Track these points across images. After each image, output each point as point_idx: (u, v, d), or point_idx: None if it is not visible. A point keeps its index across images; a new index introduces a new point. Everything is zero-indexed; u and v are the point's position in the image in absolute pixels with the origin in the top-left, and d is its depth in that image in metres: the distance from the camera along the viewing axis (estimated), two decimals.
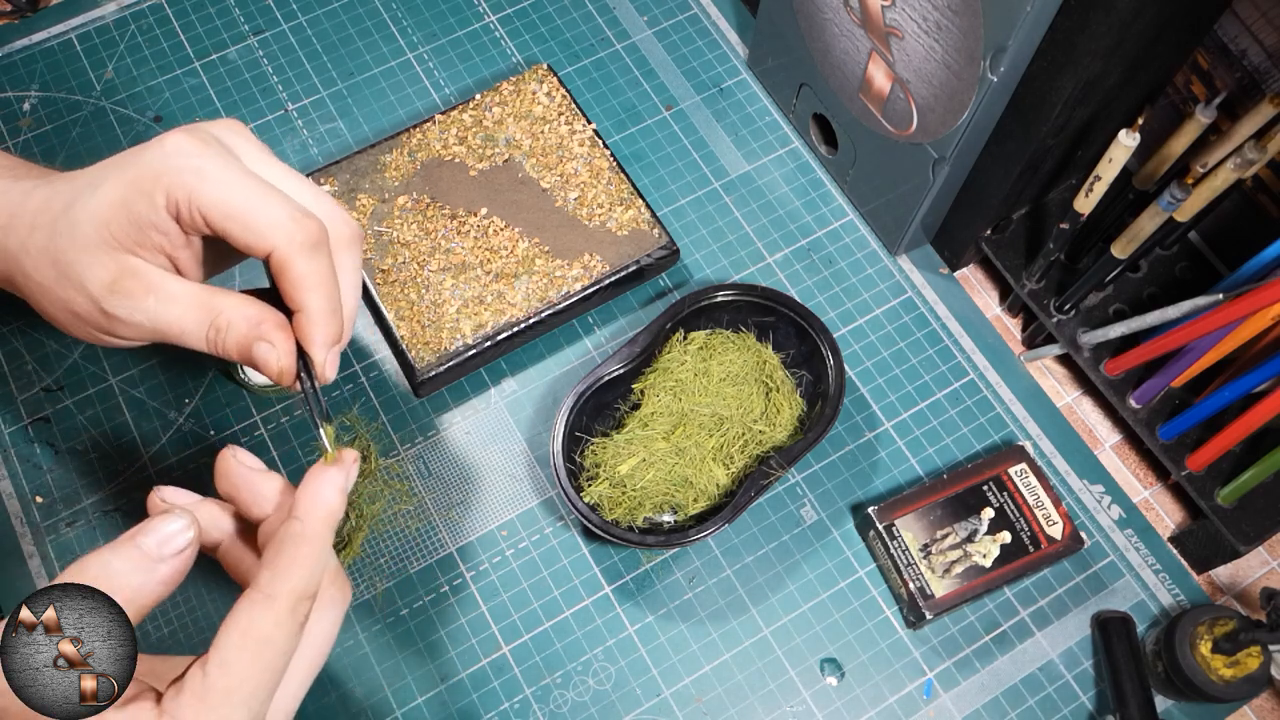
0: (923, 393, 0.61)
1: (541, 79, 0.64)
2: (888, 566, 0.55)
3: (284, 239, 0.39)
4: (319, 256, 0.40)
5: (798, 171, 0.67)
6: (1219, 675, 0.51)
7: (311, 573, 0.37)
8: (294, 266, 0.39)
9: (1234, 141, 0.52)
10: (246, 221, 0.39)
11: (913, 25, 0.52)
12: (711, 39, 0.71)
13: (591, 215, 0.61)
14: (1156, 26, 0.49)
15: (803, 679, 0.54)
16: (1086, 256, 0.61)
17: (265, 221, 0.39)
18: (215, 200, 0.38)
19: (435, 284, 0.59)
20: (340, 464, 0.39)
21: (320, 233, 0.40)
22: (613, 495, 0.55)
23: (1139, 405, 0.59)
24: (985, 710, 0.54)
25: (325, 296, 0.40)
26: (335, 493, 0.38)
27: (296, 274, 0.39)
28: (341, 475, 0.39)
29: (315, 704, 0.52)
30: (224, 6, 0.70)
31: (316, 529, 0.37)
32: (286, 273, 0.39)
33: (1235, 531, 0.55)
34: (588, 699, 0.53)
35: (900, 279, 0.64)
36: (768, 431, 0.57)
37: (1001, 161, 0.55)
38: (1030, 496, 0.56)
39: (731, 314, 0.59)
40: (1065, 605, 0.56)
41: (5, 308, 0.60)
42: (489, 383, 0.60)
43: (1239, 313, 0.49)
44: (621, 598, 0.56)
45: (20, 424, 0.58)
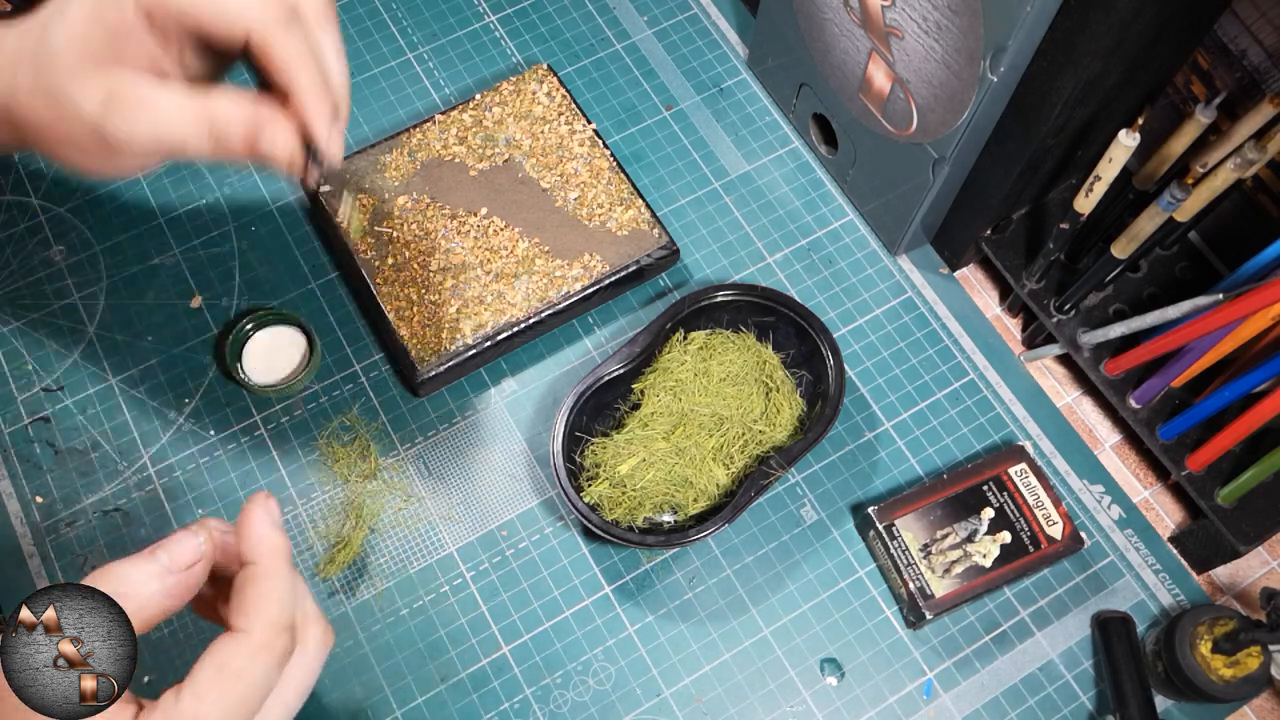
0: (923, 393, 0.61)
1: (541, 79, 0.64)
2: (888, 566, 0.55)
3: (257, 17, 0.38)
4: (296, 30, 0.39)
5: (798, 171, 0.67)
6: (1219, 675, 0.51)
7: (278, 606, 0.38)
8: (274, 45, 0.39)
9: (1234, 141, 0.52)
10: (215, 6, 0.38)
11: (913, 25, 0.52)
12: (711, 39, 0.71)
13: (591, 215, 0.61)
14: (1156, 26, 0.49)
15: (803, 679, 0.54)
16: (1086, 256, 0.61)
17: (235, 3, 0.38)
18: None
19: (435, 284, 0.59)
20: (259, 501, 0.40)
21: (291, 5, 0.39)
22: (613, 495, 0.55)
23: (1139, 405, 0.59)
24: (985, 710, 0.54)
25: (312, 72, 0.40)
26: (270, 529, 0.39)
27: (278, 53, 0.39)
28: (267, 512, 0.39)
29: (315, 704, 0.52)
30: None
31: (269, 565, 0.38)
32: (268, 53, 0.39)
33: (1235, 531, 0.55)
34: (588, 699, 0.53)
35: (900, 279, 0.64)
36: (768, 431, 0.57)
37: (1001, 161, 0.55)
38: (1030, 496, 0.56)
39: (731, 314, 0.59)
40: (1065, 605, 0.56)
41: (5, 308, 0.60)
42: (489, 383, 0.60)
43: (1239, 313, 0.49)
44: (621, 598, 0.56)
45: (20, 424, 0.58)
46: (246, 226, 0.63)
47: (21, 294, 0.61)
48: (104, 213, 0.63)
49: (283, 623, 0.38)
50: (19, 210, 0.63)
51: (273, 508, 0.40)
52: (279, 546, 0.39)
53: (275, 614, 0.38)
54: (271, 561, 0.39)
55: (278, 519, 0.39)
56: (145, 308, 0.61)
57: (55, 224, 0.63)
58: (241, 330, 0.58)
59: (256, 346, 0.58)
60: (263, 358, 0.58)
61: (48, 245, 0.62)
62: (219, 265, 0.62)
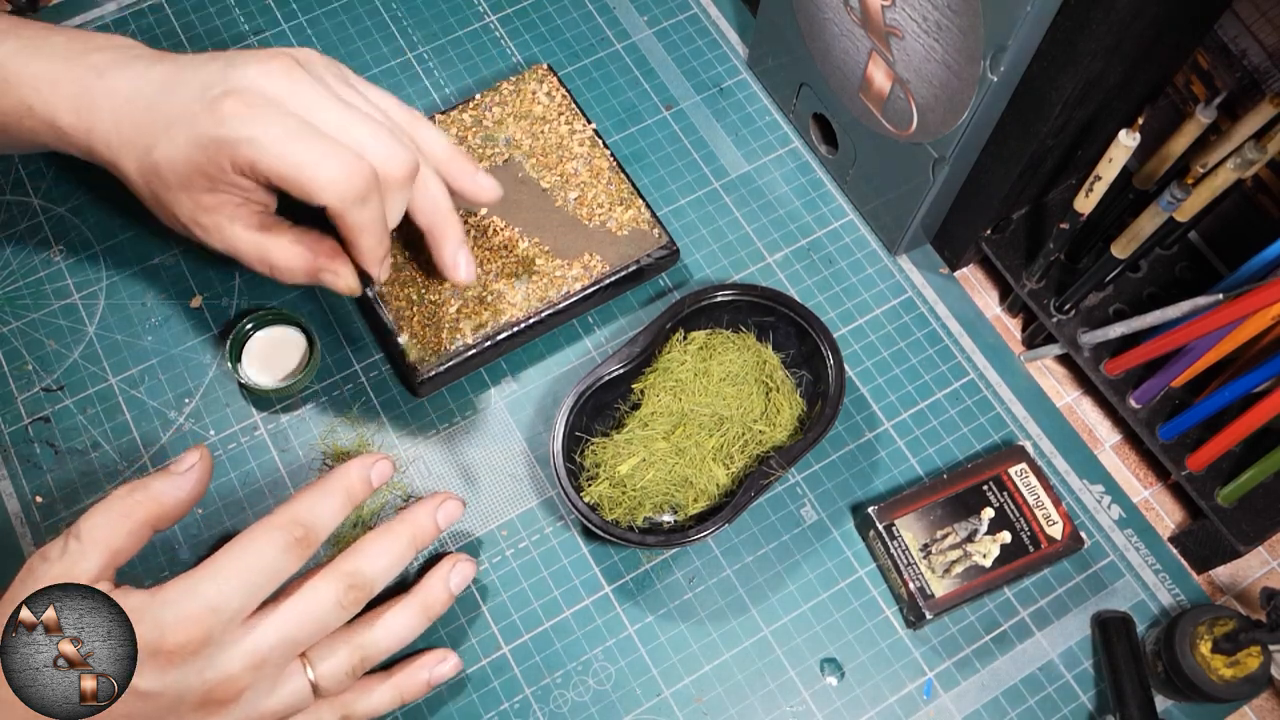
0: (923, 393, 0.61)
1: (541, 79, 0.64)
2: (888, 566, 0.55)
3: (336, 198, 0.45)
4: (369, 206, 0.46)
5: (798, 171, 0.67)
6: (1219, 675, 0.51)
7: (304, 505, 0.46)
8: (346, 218, 0.46)
9: (1234, 141, 0.52)
10: (302, 184, 0.45)
11: (913, 25, 0.52)
12: (711, 39, 0.71)
13: (591, 215, 0.61)
14: (1156, 26, 0.49)
15: (803, 679, 0.54)
16: (1086, 256, 0.61)
17: (318, 184, 0.45)
18: (272, 167, 0.44)
19: (435, 284, 0.59)
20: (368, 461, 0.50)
21: (369, 185, 0.46)
22: (613, 495, 0.55)
23: (1139, 405, 0.59)
24: (985, 710, 0.54)
25: (376, 236, 0.48)
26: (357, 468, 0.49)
27: (349, 224, 0.47)
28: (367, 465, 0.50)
29: None
30: (224, 6, 0.70)
31: (327, 483, 0.47)
32: (340, 222, 0.47)
33: (1235, 531, 0.55)
34: (588, 699, 0.53)
35: (900, 279, 0.64)
36: (768, 431, 0.57)
37: (1001, 161, 0.55)
38: (1030, 496, 0.56)
39: (731, 314, 0.59)
40: (1065, 605, 0.56)
41: (5, 308, 0.60)
42: (489, 383, 0.60)
43: (1239, 313, 0.49)
44: (621, 598, 0.56)
45: (20, 424, 0.58)
46: None
47: (21, 294, 0.61)
48: (104, 213, 0.63)
49: (300, 519, 0.45)
50: (19, 210, 0.63)
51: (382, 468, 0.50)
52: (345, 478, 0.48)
53: (298, 511, 0.45)
54: (330, 482, 0.47)
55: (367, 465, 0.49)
56: (145, 308, 0.61)
57: (55, 224, 0.63)
58: (241, 330, 0.58)
59: (256, 346, 0.58)
60: (262, 358, 0.58)
61: (48, 245, 0.62)
62: (219, 265, 0.62)
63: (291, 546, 0.44)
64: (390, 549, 0.48)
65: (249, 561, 0.43)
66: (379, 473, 0.49)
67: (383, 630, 0.47)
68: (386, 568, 0.47)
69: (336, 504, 0.47)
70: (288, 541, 0.44)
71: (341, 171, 0.45)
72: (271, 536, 0.44)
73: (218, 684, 0.42)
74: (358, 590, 0.45)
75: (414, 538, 0.49)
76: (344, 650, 0.46)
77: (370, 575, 0.46)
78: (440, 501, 0.51)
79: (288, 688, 0.44)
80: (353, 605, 0.45)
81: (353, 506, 0.48)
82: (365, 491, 0.49)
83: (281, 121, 0.44)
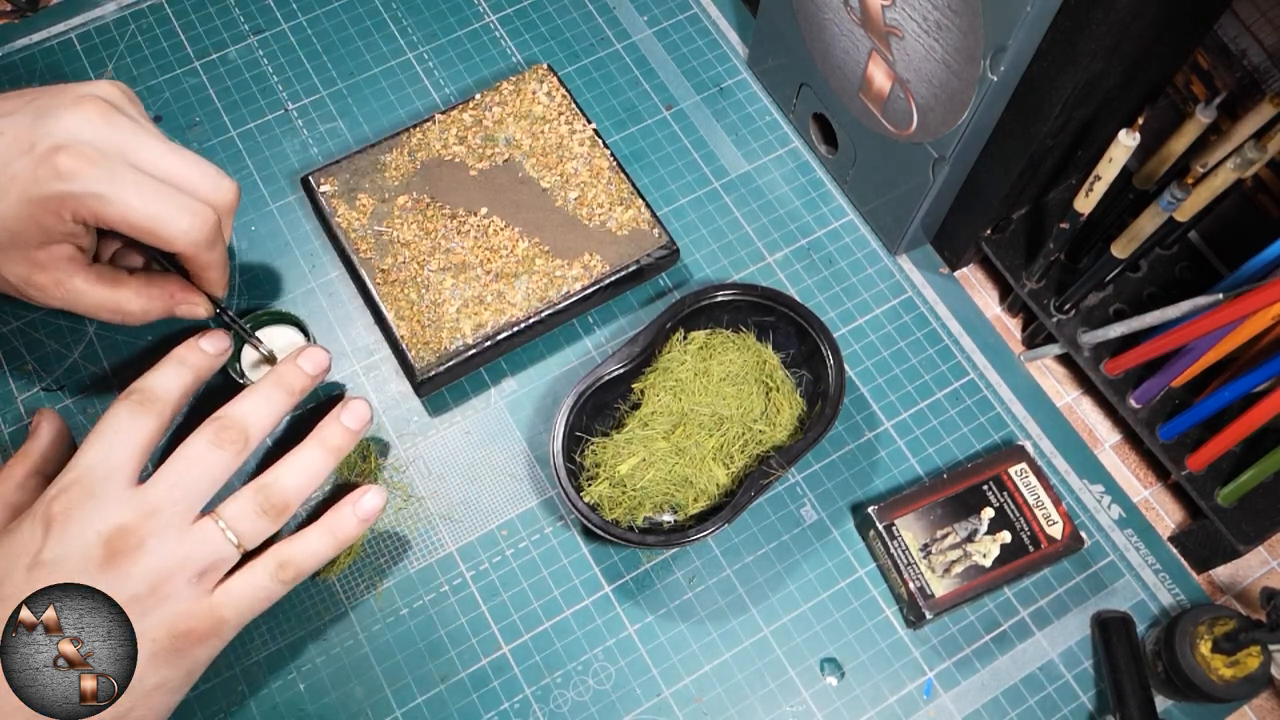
0: (923, 393, 0.61)
1: (541, 79, 0.64)
2: (888, 566, 0.55)
3: (189, 245, 0.48)
4: (216, 246, 0.50)
5: (798, 171, 0.67)
6: (1219, 675, 0.51)
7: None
8: (199, 259, 0.49)
9: (1234, 141, 0.52)
10: (156, 235, 0.47)
11: (913, 25, 0.52)
12: (711, 39, 0.71)
13: (591, 215, 0.61)
14: (1156, 26, 0.49)
15: (803, 679, 0.54)
16: (1086, 256, 0.61)
17: (172, 234, 0.47)
18: (120, 220, 0.46)
19: (435, 284, 0.59)
20: None
21: (216, 229, 0.49)
22: (613, 495, 0.55)
23: (1139, 405, 0.59)
24: (985, 710, 0.54)
25: (221, 267, 0.51)
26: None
27: (201, 264, 0.50)
28: None
29: (315, 704, 0.52)
30: (224, 6, 0.70)
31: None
32: (192, 263, 0.50)
33: (1235, 531, 0.55)
34: (588, 699, 0.53)
35: (900, 279, 0.64)
36: (768, 431, 0.57)
37: (1001, 161, 0.55)
38: (1030, 496, 0.56)
39: (731, 314, 0.59)
40: (1065, 605, 0.56)
41: (5, 308, 0.60)
42: (489, 383, 0.60)
43: (1239, 313, 0.49)
44: (621, 598, 0.56)
45: (20, 424, 0.58)
46: (246, 227, 0.63)
47: None
48: None
49: (235, 417, 0.47)
50: None
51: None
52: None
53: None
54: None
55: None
56: None
57: None
58: None
59: None
60: None
61: None
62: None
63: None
64: (258, 390, 0.49)
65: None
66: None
67: (285, 468, 0.48)
68: (256, 408, 0.48)
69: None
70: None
71: (194, 222, 0.47)
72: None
73: (113, 534, 0.43)
74: (228, 430, 0.47)
75: (280, 381, 0.50)
76: (247, 493, 0.47)
77: (238, 415, 0.48)
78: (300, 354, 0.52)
79: (198, 535, 0.45)
80: (228, 444, 0.47)
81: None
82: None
83: (127, 176, 0.46)
